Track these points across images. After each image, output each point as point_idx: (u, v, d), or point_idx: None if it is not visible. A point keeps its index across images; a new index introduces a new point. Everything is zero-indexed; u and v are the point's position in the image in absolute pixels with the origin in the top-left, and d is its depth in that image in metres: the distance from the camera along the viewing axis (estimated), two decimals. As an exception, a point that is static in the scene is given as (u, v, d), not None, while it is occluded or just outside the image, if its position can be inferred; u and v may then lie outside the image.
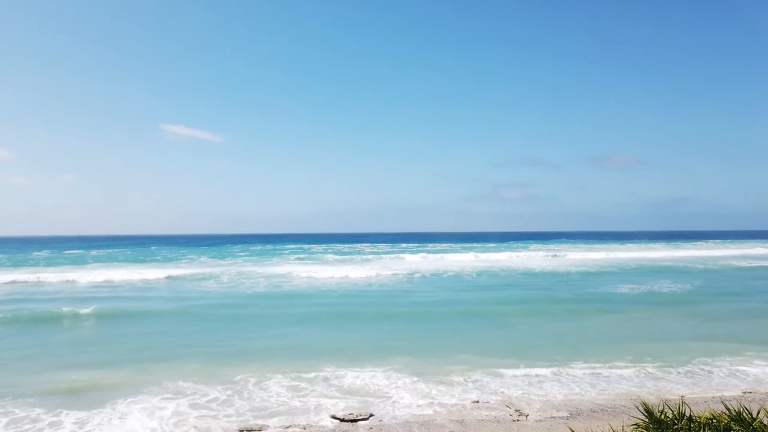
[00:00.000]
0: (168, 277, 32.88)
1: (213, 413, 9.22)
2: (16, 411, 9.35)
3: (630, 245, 78.40)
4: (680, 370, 11.62)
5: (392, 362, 12.30)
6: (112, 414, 9.19)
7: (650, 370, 11.62)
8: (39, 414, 9.18)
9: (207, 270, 38.34)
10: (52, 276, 33.42)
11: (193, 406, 9.58)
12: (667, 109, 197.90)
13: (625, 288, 27.03)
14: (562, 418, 8.71)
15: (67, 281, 31.66)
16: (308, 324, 17.72)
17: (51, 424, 8.74)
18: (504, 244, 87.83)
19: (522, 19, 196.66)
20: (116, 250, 76.10)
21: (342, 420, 8.84)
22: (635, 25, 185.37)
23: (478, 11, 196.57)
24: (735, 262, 44.28)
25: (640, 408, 6.06)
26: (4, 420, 8.97)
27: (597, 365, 12.01)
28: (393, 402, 9.66)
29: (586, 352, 13.05)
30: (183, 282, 31.52)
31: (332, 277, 33.15)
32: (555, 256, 54.29)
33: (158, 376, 11.19)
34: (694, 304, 21.53)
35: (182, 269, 39.21)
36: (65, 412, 9.27)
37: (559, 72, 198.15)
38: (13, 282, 31.08)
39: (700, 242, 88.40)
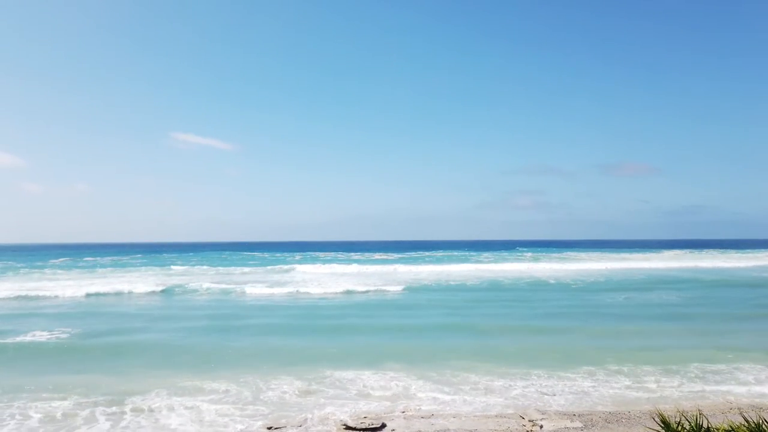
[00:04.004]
0: (152, 292, 31.28)
1: (238, 412, 9.67)
2: (47, 407, 9.76)
3: (642, 254, 77.68)
4: (695, 380, 11.49)
5: (392, 372, 12.27)
6: (141, 414, 9.58)
7: (664, 379, 11.50)
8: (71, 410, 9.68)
9: (202, 280, 38.38)
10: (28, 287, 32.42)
11: (214, 403, 9.90)
12: (680, 115, 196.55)
13: (630, 298, 26.82)
14: (576, 428, 8.65)
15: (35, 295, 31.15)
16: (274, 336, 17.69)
17: (86, 420, 9.20)
18: (512, 254, 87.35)
19: (533, 19, 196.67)
20: (118, 257, 76.59)
21: (354, 429, 8.83)
22: (647, 28, 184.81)
23: (488, 9, 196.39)
24: (755, 274, 43.34)
25: (657, 419, 6.01)
26: (37, 416, 9.33)
27: (607, 375, 11.91)
28: (403, 412, 9.64)
29: (594, 361, 12.95)
30: (173, 293, 31.33)
31: (329, 291, 33.07)
32: (563, 265, 53.89)
33: (173, 381, 11.30)
34: (703, 314, 21.26)
35: (175, 279, 38.50)
36: (100, 408, 9.75)
37: (569, 78, 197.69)
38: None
39: (716, 251, 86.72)
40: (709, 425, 5.07)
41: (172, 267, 53.60)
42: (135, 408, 9.80)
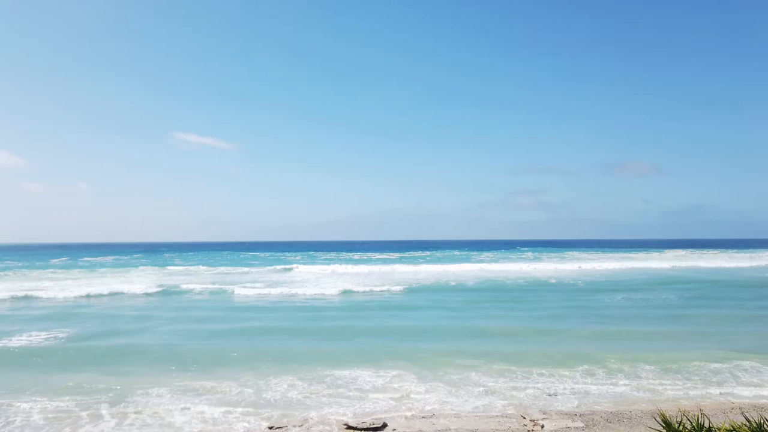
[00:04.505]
0: (152, 292, 31.01)
1: (240, 411, 9.74)
2: (50, 406, 9.81)
3: (643, 254, 77.61)
4: (696, 380, 11.48)
5: (392, 371, 12.26)
6: (144, 412, 9.59)
7: (665, 379, 11.49)
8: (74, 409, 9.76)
9: (202, 280, 38.46)
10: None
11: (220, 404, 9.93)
12: (682, 115, 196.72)
13: (631, 298, 26.79)
14: (578, 428, 8.64)
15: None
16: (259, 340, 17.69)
17: (90, 418, 9.28)
18: (513, 253, 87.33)
19: (534, 20, 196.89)
20: (119, 257, 76.58)
21: (355, 429, 8.82)
22: (649, 30, 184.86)
23: (490, 10, 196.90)
24: (756, 274, 43.21)
25: (658, 419, 6.00)
26: (41, 415, 9.38)
27: (608, 375, 11.90)
28: (404, 412, 9.64)
29: (595, 361, 12.93)
30: (173, 294, 31.28)
31: (329, 292, 33.10)
32: (564, 265, 53.89)
33: (174, 381, 11.31)
34: (705, 315, 21.24)
35: (175, 279, 38.59)
36: (103, 406, 9.82)
37: (572, 77, 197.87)
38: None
39: (717, 251, 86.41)
40: (711, 425, 5.06)
41: (172, 267, 53.59)
42: (138, 407, 9.81)
